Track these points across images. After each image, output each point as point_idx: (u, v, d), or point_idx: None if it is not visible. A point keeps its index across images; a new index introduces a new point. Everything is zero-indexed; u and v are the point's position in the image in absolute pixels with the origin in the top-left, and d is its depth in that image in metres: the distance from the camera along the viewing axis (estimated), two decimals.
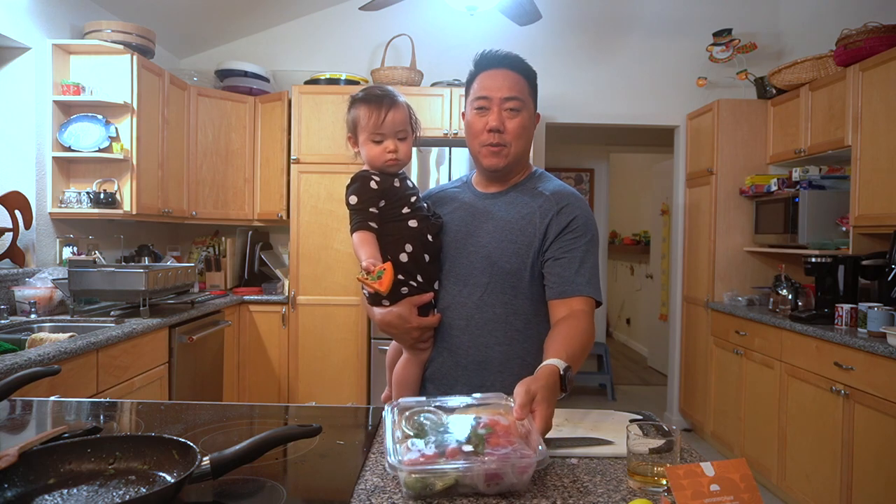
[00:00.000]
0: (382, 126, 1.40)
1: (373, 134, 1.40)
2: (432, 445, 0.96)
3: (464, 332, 1.42)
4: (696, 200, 4.38)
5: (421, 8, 4.39)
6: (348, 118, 1.46)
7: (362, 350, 3.97)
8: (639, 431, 0.99)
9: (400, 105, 1.43)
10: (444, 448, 0.94)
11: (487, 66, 1.43)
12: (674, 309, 4.69)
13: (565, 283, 1.37)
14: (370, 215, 1.37)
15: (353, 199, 1.38)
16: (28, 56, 3.03)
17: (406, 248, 1.39)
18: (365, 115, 1.41)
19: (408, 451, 0.95)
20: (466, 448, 0.94)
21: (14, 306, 2.80)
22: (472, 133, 1.44)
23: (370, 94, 1.43)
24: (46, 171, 3.16)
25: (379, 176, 1.40)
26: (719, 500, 0.83)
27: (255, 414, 1.39)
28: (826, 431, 2.82)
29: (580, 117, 4.53)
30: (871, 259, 2.92)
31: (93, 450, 0.93)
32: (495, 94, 1.39)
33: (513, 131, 1.40)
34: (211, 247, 4.28)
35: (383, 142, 1.40)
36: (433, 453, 0.94)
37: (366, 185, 1.38)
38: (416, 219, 1.41)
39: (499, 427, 0.99)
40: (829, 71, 3.39)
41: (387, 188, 1.40)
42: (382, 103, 1.40)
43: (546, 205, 1.42)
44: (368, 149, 1.42)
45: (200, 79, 4.23)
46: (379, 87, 1.46)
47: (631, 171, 8.00)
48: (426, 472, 0.90)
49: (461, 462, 0.91)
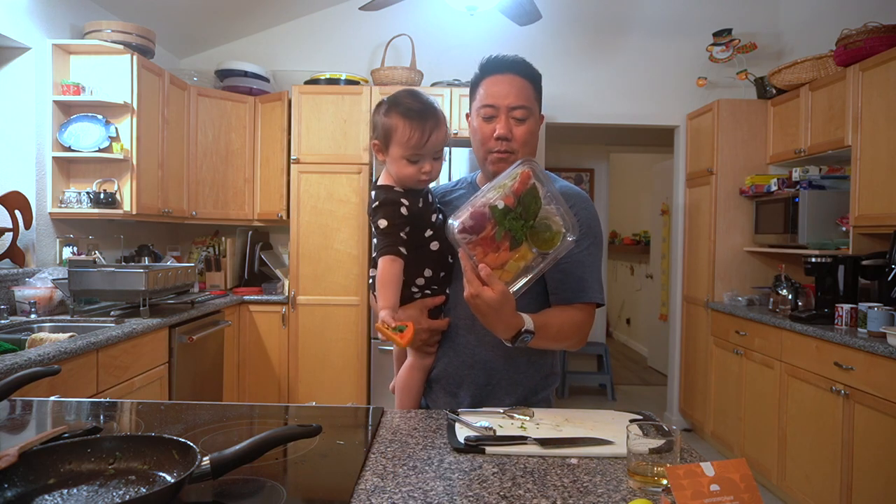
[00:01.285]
0: (423, 148, 1.32)
1: (411, 154, 1.32)
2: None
3: (469, 332, 1.42)
4: (696, 200, 4.38)
5: (421, 8, 4.39)
6: (380, 123, 1.35)
7: (362, 350, 3.97)
8: (639, 431, 0.98)
9: (443, 124, 1.35)
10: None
11: (494, 72, 1.41)
12: (674, 309, 4.69)
13: (567, 290, 1.38)
14: (401, 240, 1.32)
15: (382, 222, 1.32)
16: (28, 56, 3.03)
17: (425, 272, 1.39)
18: (405, 131, 1.31)
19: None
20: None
21: (14, 306, 2.80)
22: (478, 139, 1.42)
23: (412, 109, 1.32)
24: (46, 171, 3.16)
25: (407, 199, 1.34)
26: (719, 500, 0.83)
27: (255, 414, 1.39)
28: (826, 431, 2.82)
29: (580, 117, 4.53)
30: (871, 259, 2.92)
31: (93, 450, 0.92)
32: (502, 102, 1.37)
33: (520, 138, 1.39)
34: (211, 247, 4.28)
35: (420, 163, 1.33)
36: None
37: (397, 210, 1.32)
38: (438, 240, 1.38)
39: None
40: (829, 71, 3.39)
41: (415, 213, 1.34)
42: (426, 123, 1.31)
43: None
44: (401, 167, 1.33)
45: (200, 79, 4.23)
46: (419, 99, 1.34)
47: (631, 171, 8.00)
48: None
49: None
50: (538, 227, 1.18)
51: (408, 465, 1.05)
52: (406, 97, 1.35)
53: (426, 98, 1.36)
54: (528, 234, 1.18)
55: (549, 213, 1.19)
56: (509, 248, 1.18)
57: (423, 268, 1.38)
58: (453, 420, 1.24)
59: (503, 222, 1.16)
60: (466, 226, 1.16)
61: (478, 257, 1.18)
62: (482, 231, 1.16)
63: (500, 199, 1.16)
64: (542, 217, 1.19)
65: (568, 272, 1.37)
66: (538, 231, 1.18)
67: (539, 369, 1.46)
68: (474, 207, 1.17)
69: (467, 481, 0.99)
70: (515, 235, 1.18)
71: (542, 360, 1.46)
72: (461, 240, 1.17)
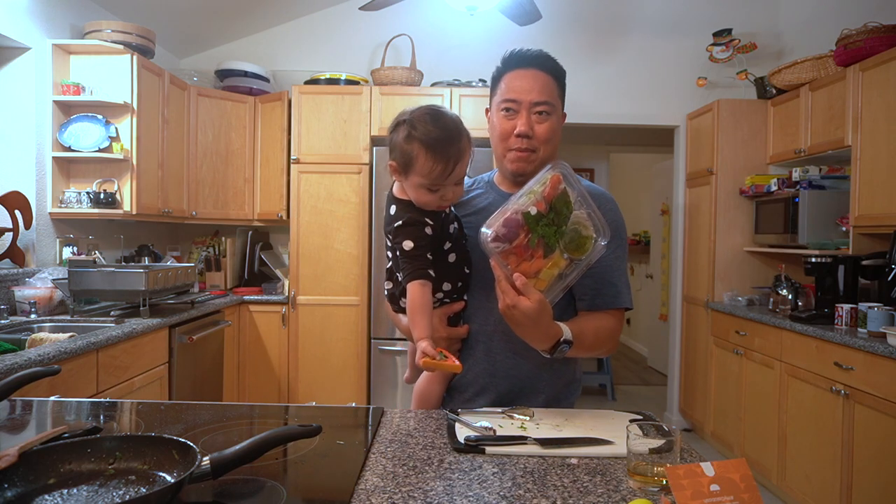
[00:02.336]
0: (446, 180, 1.24)
1: (431, 185, 1.24)
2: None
3: (492, 338, 1.38)
4: (696, 200, 4.38)
5: (421, 8, 4.39)
6: (399, 147, 1.25)
7: (362, 350, 3.97)
8: (639, 431, 0.98)
9: (466, 152, 1.26)
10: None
11: (516, 66, 1.36)
12: (674, 309, 4.69)
13: (596, 295, 1.34)
14: (428, 262, 1.26)
15: (408, 244, 1.25)
16: (28, 56, 3.03)
17: (444, 286, 1.35)
18: (426, 163, 1.22)
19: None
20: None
21: (14, 306, 2.80)
22: (498, 135, 1.37)
23: (434, 140, 1.22)
24: (46, 171, 3.16)
25: (431, 218, 1.27)
26: (719, 500, 0.83)
27: (255, 414, 1.39)
28: (826, 431, 2.82)
29: (580, 117, 4.52)
30: (871, 259, 2.92)
31: (93, 450, 0.92)
32: (524, 98, 1.32)
33: (542, 136, 1.34)
34: (211, 247, 4.28)
35: (441, 191, 1.25)
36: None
37: (421, 232, 1.26)
38: (455, 251, 1.34)
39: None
40: (829, 71, 3.39)
41: (437, 233, 1.28)
42: (450, 154, 1.22)
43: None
44: (420, 194, 1.26)
45: (200, 79, 4.23)
46: (441, 124, 1.23)
47: (631, 171, 8.00)
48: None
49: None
50: (570, 233, 1.15)
51: (408, 465, 1.05)
52: (428, 122, 1.23)
53: (450, 121, 1.25)
54: (560, 241, 1.15)
55: (580, 217, 1.16)
56: (542, 255, 1.14)
57: (443, 281, 1.33)
58: (453, 420, 1.24)
59: (536, 229, 1.12)
60: (500, 234, 1.12)
61: (511, 266, 1.14)
62: (515, 239, 1.13)
63: (532, 204, 1.13)
64: (573, 222, 1.15)
65: (599, 278, 1.33)
66: (570, 237, 1.15)
67: (561, 376, 1.41)
68: (506, 215, 1.13)
69: (467, 481, 0.99)
70: (549, 242, 1.13)
71: (564, 368, 1.41)
72: (494, 249, 1.13)
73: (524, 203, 1.14)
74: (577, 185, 1.18)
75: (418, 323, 1.22)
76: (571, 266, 1.17)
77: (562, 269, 1.17)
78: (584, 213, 1.16)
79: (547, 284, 1.17)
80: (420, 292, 1.24)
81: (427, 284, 1.25)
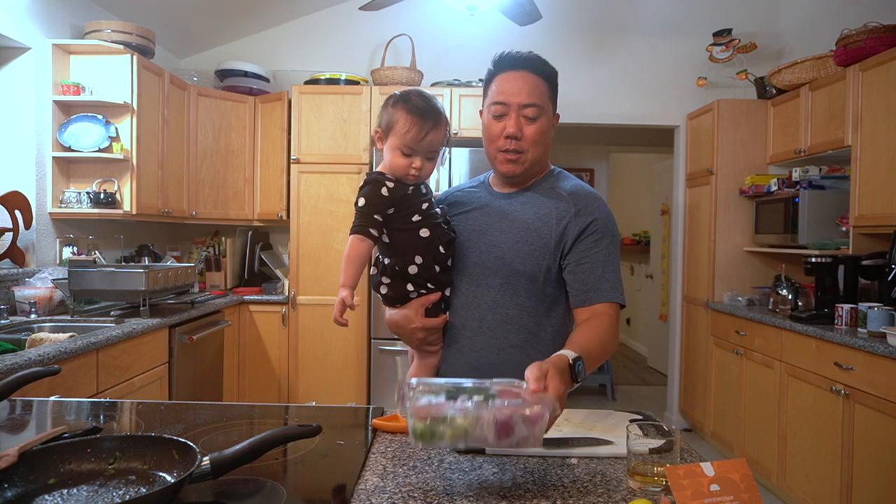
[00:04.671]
0: (418, 144, 1.34)
1: (405, 147, 1.34)
2: (442, 395, 0.94)
3: (476, 333, 1.40)
4: (696, 200, 4.38)
5: (421, 8, 4.39)
6: (384, 115, 1.38)
7: (362, 350, 3.97)
8: (639, 431, 0.98)
9: (441, 126, 1.37)
10: (454, 399, 0.93)
11: (507, 68, 1.38)
12: (674, 309, 4.69)
13: (589, 290, 1.34)
14: (373, 221, 1.33)
15: (361, 200, 1.34)
16: (28, 56, 3.03)
17: (416, 259, 1.37)
18: (404, 124, 1.34)
19: (417, 402, 0.93)
20: (476, 398, 0.93)
21: (14, 306, 2.80)
22: (488, 137, 1.40)
23: (416, 106, 1.35)
24: (46, 171, 3.16)
25: (393, 182, 1.36)
26: (719, 500, 0.83)
27: (255, 414, 1.39)
28: (826, 431, 2.82)
29: (580, 117, 4.52)
30: (871, 259, 2.92)
31: (93, 450, 0.93)
32: (513, 100, 1.35)
33: (531, 138, 1.37)
34: (211, 247, 4.28)
35: (412, 157, 1.35)
36: (443, 402, 0.93)
37: (377, 191, 1.34)
38: (428, 227, 1.37)
39: (510, 391, 0.97)
40: (829, 71, 3.39)
41: (398, 196, 1.35)
42: (426, 122, 1.34)
43: (563, 206, 1.38)
44: (394, 157, 1.36)
45: (200, 79, 4.23)
46: (426, 99, 1.37)
47: (631, 171, 8.00)
48: (435, 418, 0.89)
49: (470, 404, 0.90)
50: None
51: (408, 465, 1.05)
52: (415, 95, 1.38)
53: (434, 101, 1.38)
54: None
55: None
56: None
57: (413, 254, 1.37)
58: None
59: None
60: (499, 423, 0.93)
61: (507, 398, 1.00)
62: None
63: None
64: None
65: (590, 273, 1.34)
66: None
67: None
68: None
69: (467, 481, 0.99)
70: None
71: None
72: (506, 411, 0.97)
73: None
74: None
75: (346, 270, 1.33)
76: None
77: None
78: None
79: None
80: (357, 245, 1.33)
81: (365, 241, 1.33)
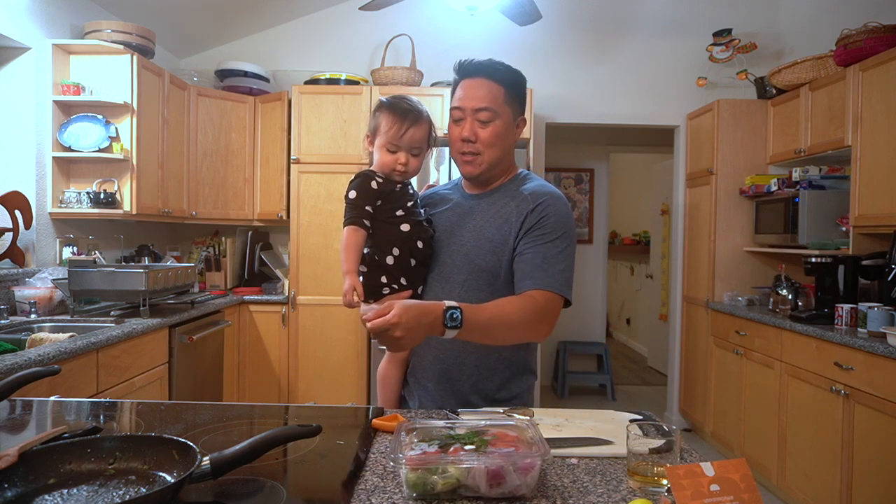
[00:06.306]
0: (400, 140, 1.45)
1: (389, 144, 1.46)
2: (435, 445, 0.96)
3: None
4: (696, 200, 4.38)
5: (421, 8, 4.39)
6: (372, 121, 1.51)
7: (362, 350, 3.97)
8: (639, 431, 0.99)
9: (422, 123, 1.48)
10: (447, 448, 0.95)
11: (465, 75, 1.47)
12: (674, 309, 4.69)
13: (523, 277, 1.39)
14: (365, 213, 1.43)
15: (352, 193, 1.44)
16: (28, 56, 3.03)
17: (393, 251, 1.45)
18: (386, 124, 1.46)
19: (411, 450, 0.95)
20: (468, 447, 0.95)
21: (14, 306, 2.80)
22: (450, 141, 1.49)
23: (396, 106, 1.48)
24: (46, 171, 3.16)
25: (382, 178, 1.47)
26: (719, 500, 0.83)
27: (255, 414, 1.39)
28: (826, 431, 2.82)
29: (580, 117, 4.53)
30: (871, 259, 2.92)
31: (93, 450, 0.92)
32: (467, 105, 1.43)
33: (485, 140, 1.43)
34: (211, 247, 4.28)
35: (397, 153, 1.46)
36: (435, 451, 0.94)
37: (367, 184, 1.45)
38: (409, 223, 1.46)
39: (505, 436, 1.00)
40: (829, 71, 3.39)
41: (385, 190, 1.46)
42: (406, 118, 1.46)
43: (523, 204, 1.44)
44: (382, 154, 1.47)
45: (200, 79, 4.23)
46: (407, 101, 1.50)
47: (631, 171, 8.00)
48: (427, 468, 0.91)
49: (462, 455, 0.92)
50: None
51: None
52: (398, 98, 1.51)
53: (415, 102, 1.51)
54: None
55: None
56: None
57: (392, 245, 1.44)
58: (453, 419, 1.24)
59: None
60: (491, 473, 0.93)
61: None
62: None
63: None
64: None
65: (531, 264, 1.39)
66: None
67: (509, 366, 1.49)
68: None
69: None
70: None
71: (513, 357, 1.49)
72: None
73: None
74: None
75: (346, 259, 1.41)
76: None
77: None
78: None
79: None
80: (353, 235, 1.42)
81: (360, 231, 1.42)
